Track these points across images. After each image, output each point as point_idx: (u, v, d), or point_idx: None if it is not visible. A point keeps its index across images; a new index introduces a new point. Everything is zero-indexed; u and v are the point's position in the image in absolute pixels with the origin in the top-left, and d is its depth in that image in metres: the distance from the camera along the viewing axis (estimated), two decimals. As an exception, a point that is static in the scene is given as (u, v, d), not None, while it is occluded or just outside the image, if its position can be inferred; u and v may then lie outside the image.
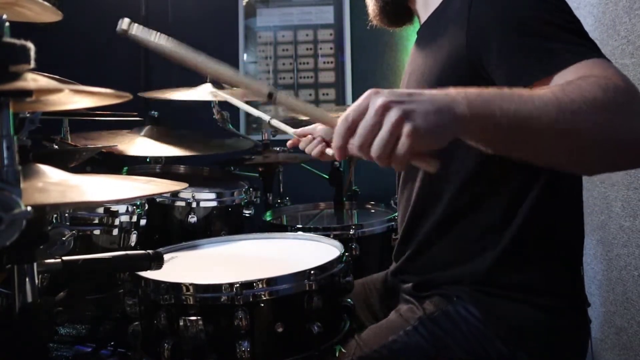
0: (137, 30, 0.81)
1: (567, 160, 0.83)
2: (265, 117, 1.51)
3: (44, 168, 0.92)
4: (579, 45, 0.89)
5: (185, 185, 1.09)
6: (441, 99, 0.74)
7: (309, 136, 1.46)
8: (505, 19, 0.94)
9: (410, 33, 3.17)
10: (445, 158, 1.07)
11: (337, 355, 1.07)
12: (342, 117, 0.75)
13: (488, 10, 0.96)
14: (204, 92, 2.00)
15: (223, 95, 1.62)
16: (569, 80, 0.81)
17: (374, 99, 0.73)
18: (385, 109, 0.72)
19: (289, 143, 1.52)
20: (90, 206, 1.51)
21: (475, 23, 0.98)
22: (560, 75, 0.86)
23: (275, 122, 1.48)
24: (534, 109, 0.75)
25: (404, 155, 0.71)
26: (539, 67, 0.88)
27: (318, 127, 1.46)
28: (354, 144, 0.74)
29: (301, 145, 1.49)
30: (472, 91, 0.76)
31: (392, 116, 0.71)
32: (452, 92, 0.76)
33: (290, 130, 1.49)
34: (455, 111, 0.73)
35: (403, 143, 0.71)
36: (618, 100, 0.77)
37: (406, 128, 0.70)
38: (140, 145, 1.98)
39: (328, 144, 1.46)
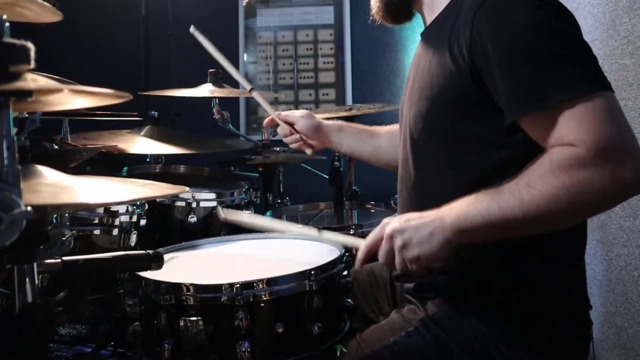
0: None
1: (546, 231, 0.96)
2: (248, 85, 1.52)
3: (41, 169, 0.92)
4: (572, 78, 0.90)
5: (183, 189, 1.09)
6: (434, 226, 0.95)
7: (288, 128, 1.49)
8: (501, 44, 0.94)
9: (410, 33, 3.18)
10: (448, 162, 1.08)
11: (338, 355, 1.07)
12: (365, 244, 1.02)
13: (487, 30, 0.96)
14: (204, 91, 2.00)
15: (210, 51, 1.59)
16: (536, 166, 0.91)
17: (386, 229, 0.98)
18: (391, 238, 0.97)
19: (266, 121, 1.56)
20: (83, 208, 1.51)
21: (476, 39, 0.97)
22: (546, 113, 0.91)
23: (256, 94, 1.51)
24: (502, 217, 0.92)
25: (414, 269, 0.97)
26: (527, 104, 0.92)
27: (303, 118, 1.48)
28: (380, 259, 1.00)
29: (279, 130, 1.54)
30: (458, 214, 0.95)
31: (397, 245, 0.97)
32: (445, 217, 0.95)
33: (271, 110, 1.51)
34: (443, 236, 0.95)
35: (409, 264, 0.97)
36: (580, 180, 0.87)
37: (408, 255, 0.96)
38: (140, 145, 1.98)
39: (306, 142, 1.50)
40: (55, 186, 0.88)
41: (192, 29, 1.51)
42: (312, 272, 1.06)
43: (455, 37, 1.02)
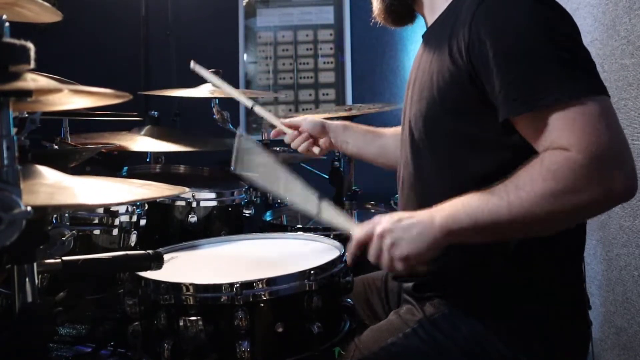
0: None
1: (533, 235, 0.98)
2: (249, 103, 1.49)
3: (41, 169, 0.92)
4: (567, 80, 0.90)
5: (183, 189, 1.09)
6: (423, 226, 0.97)
7: (295, 132, 1.46)
8: (499, 42, 0.94)
9: (410, 34, 3.18)
10: (448, 162, 1.08)
11: (336, 357, 1.07)
12: (355, 239, 1.02)
13: (485, 28, 0.96)
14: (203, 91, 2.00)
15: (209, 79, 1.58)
16: (527, 169, 0.91)
17: (377, 228, 0.99)
18: (381, 237, 0.98)
19: (272, 133, 1.53)
20: (83, 209, 1.51)
21: (475, 37, 0.97)
22: (540, 114, 0.90)
23: (258, 109, 1.48)
24: (490, 219, 0.92)
25: (401, 268, 0.98)
26: (520, 102, 0.92)
27: (307, 119, 1.46)
28: (370, 257, 1.01)
29: (286, 139, 1.49)
30: (447, 214, 0.96)
31: (387, 244, 0.98)
32: (434, 217, 0.96)
33: (275, 120, 1.48)
34: (432, 236, 0.96)
35: (397, 263, 0.97)
36: (569, 185, 0.87)
37: (396, 254, 0.97)
38: (140, 145, 1.98)
39: (315, 141, 1.46)
40: (54, 186, 0.88)
41: (192, 65, 1.52)
42: (312, 271, 1.06)
43: (455, 37, 1.02)
